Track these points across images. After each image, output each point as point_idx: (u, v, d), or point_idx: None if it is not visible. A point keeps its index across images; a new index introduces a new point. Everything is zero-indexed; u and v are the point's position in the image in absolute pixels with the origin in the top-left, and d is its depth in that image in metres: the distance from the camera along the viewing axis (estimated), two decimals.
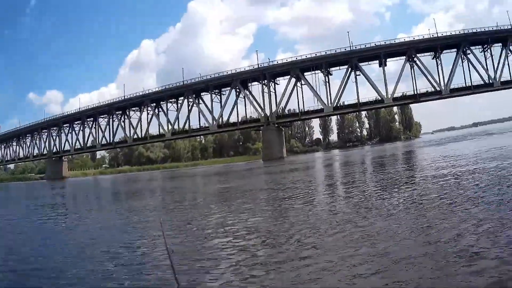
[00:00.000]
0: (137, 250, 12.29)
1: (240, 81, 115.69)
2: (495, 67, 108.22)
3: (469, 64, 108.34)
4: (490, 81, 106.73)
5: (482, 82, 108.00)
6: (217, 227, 14.79)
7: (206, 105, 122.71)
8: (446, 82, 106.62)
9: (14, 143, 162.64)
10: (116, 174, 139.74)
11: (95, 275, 9.46)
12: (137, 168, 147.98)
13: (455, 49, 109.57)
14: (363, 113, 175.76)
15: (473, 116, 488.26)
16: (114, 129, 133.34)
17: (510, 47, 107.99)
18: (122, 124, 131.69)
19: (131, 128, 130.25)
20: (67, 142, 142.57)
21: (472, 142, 64.04)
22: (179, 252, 11.02)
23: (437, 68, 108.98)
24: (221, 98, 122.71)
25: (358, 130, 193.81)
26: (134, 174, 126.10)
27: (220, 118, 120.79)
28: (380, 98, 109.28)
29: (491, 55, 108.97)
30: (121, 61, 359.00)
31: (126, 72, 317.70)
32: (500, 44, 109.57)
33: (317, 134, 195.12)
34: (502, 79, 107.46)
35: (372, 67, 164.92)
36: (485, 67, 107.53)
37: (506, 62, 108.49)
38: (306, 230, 12.68)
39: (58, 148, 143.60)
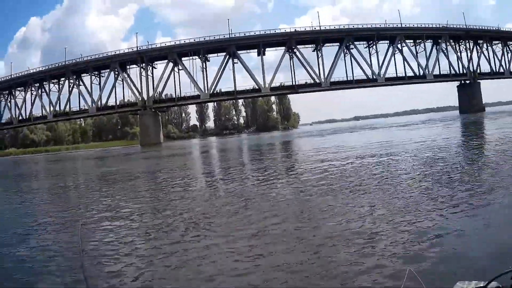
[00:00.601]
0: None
1: (119, 63, 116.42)
2: (380, 63, 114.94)
3: (352, 58, 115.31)
4: (374, 76, 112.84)
5: (365, 77, 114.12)
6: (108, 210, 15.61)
7: (85, 87, 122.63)
8: (326, 75, 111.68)
9: None
10: (1, 158, 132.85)
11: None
12: (22, 151, 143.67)
13: (338, 43, 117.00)
14: (240, 101, 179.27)
15: (355, 110, 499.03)
16: (1, 110, 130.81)
17: (398, 45, 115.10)
18: (9, 104, 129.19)
19: (17, 109, 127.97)
20: None
21: (347, 136, 67.31)
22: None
23: (318, 61, 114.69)
24: (100, 80, 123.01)
25: (235, 118, 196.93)
26: (20, 157, 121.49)
27: (99, 101, 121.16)
28: (257, 87, 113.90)
29: (376, 52, 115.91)
30: (10, 38, 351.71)
31: (14, 50, 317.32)
32: (388, 41, 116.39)
33: (194, 120, 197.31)
34: (388, 75, 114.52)
35: (250, 56, 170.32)
36: (369, 62, 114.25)
37: (392, 59, 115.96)
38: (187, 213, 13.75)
39: None
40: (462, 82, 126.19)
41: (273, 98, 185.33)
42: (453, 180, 15.35)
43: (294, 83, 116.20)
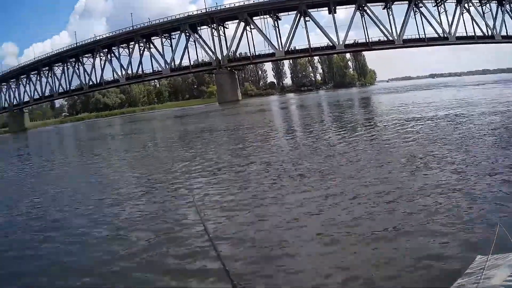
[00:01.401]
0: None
1: (189, 25, 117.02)
2: (449, 22, 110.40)
3: (422, 16, 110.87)
4: (445, 35, 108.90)
5: (436, 36, 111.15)
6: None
7: (157, 50, 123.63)
8: (398, 32, 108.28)
9: None
10: (75, 122, 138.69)
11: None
12: (95, 115, 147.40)
13: (407, 1, 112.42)
14: (316, 58, 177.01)
15: (429, 67, 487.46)
16: (70, 77, 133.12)
17: (465, 4, 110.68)
18: (77, 71, 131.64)
19: (86, 75, 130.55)
20: (26, 93, 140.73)
21: (432, 92, 65.80)
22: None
23: (389, 19, 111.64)
24: (171, 42, 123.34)
25: (312, 75, 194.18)
26: (92, 120, 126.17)
27: (172, 62, 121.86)
28: (331, 44, 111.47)
29: (445, 10, 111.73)
30: (71, 8, 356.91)
31: (77, 20, 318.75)
32: (455, 0, 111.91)
33: (270, 78, 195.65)
34: (457, 34, 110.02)
35: (321, 14, 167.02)
36: (439, 21, 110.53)
37: (462, 18, 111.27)
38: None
39: (18, 100, 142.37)
40: None
41: (348, 56, 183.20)
42: None
43: (367, 40, 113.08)
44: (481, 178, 9.94)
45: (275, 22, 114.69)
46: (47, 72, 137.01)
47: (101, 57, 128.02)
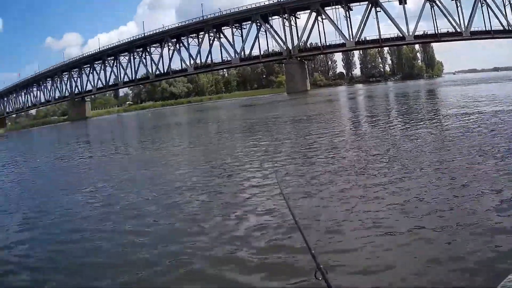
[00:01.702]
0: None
1: (260, 15, 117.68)
2: None
3: (488, 8, 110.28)
4: (510, 28, 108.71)
5: (501, 28, 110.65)
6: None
7: (227, 39, 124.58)
8: (466, 24, 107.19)
9: (35, 89, 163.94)
10: (139, 111, 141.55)
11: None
12: (161, 104, 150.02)
13: None
14: (385, 49, 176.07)
15: (494, 60, 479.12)
16: (136, 66, 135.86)
17: None
18: (144, 61, 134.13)
19: (153, 64, 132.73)
20: (88, 82, 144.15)
21: (502, 85, 62.87)
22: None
23: (457, 10, 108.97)
24: (242, 32, 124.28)
25: (381, 65, 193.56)
26: (158, 109, 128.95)
27: (242, 52, 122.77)
28: (401, 35, 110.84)
29: (510, 3, 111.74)
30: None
31: (145, 10, 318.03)
32: None
33: (340, 68, 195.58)
34: None
35: (392, 4, 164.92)
36: (504, 13, 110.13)
37: None
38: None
39: (80, 89, 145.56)
40: None
41: (417, 47, 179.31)
42: None
43: (436, 32, 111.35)
44: None
45: (347, 12, 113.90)
46: (112, 61, 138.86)
47: (169, 47, 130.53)
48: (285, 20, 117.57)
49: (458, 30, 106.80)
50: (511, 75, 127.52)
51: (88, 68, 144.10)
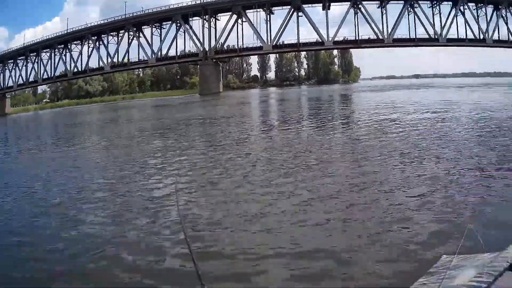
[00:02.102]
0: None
1: (181, 15, 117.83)
2: (443, 23, 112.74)
3: (415, 17, 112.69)
4: (436, 36, 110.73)
5: (427, 37, 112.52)
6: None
7: (146, 39, 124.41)
8: (389, 31, 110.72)
9: None
10: (55, 109, 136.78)
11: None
12: (76, 102, 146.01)
13: (403, 1, 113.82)
14: (303, 54, 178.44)
15: (415, 68, 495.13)
16: (56, 63, 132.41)
17: (461, 7, 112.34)
18: (64, 58, 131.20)
19: (72, 62, 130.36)
20: (10, 78, 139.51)
21: (405, 92, 68.40)
22: None
23: (382, 17, 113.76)
24: (161, 32, 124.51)
25: (296, 70, 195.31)
26: (72, 108, 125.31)
27: (159, 52, 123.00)
28: (320, 40, 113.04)
29: (439, 12, 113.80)
30: None
31: (71, 7, 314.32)
32: (451, 2, 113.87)
33: (254, 71, 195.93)
34: (448, 36, 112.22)
35: (316, 10, 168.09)
36: (432, 22, 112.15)
37: (455, 20, 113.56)
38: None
39: (2, 85, 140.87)
40: None
41: (335, 52, 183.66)
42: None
43: (357, 38, 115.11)
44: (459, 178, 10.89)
45: (268, 15, 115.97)
46: (34, 58, 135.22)
47: (89, 45, 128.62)
48: (205, 21, 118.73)
49: (381, 37, 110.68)
50: (427, 82, 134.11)
51: (12, 64, 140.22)
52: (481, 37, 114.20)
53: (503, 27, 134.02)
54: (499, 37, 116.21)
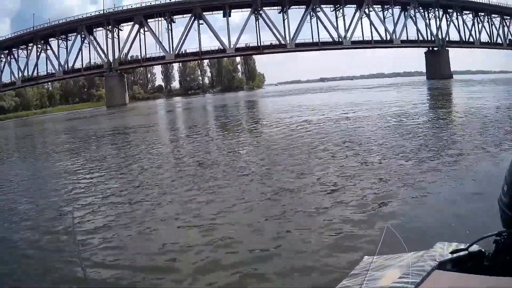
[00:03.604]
0: None
1: (85, 26, 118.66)
2: (347, 27, 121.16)
3: (318, 21, 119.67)
4: (340, 39, 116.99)
5: (331, 40, 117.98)
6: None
7: (53, 51, 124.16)
8: (292, 36, 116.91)
9: None
10: None
11: None
12: None
13: (304, 6, 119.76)
14: (206, 62, 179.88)
15: (320, 72, 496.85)
16: None
17: (365, 9, 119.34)
18: None
19: None
20: None
21: (307, 96, 71.64)
22: None
23: (284, 23, 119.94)
24: (67, 44, 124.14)
25: (200, 78, 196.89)
26: None
27: (66, 64, 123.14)
28: (222, 48, 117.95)
29: (343, 15, 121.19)
30: None
31: None
32: (355, 5, 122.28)
33: (159, 81, 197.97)
34: (354, 39, 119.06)
35: (216, 17, 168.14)
36: (335, 26, 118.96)
37: (359, 23, 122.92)
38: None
39: None
40: (430, 48, 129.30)
41: (238, 59, 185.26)
42: (426, 140, 17.59)
43: (259, 44, 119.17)
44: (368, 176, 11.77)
45: (169, 24, 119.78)
46: None
47: (1, 59, 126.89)
48: (108, 32, 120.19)
49: (283, 42, 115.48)
50: (334, 85, 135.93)
51: None
52: (388, 38, 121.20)
53: (411, 28, 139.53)
54: (407, 37, 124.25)
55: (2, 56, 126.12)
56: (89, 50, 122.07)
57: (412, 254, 3.05)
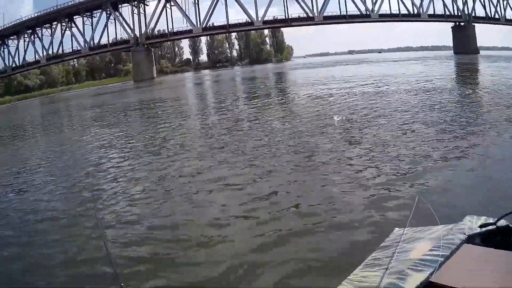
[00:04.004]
0: None
1: (110, 3, 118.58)
2: None
3: None
4: (367, 12, 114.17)
5: (358, 13, 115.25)
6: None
7: (78, 29, 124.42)
8: (320, 9, 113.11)
9: None
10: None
11: None
12: (16, 98, 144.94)
13: None
14: (233, 35, 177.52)
15: (348, 44, 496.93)
16: None
17: None
18: (2, 54, 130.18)
19: (10, 57, 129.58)
20: None
21: (335, 69, 69.73)
22: None
23: None
24: (92, 21, 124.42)
25: (228, 51, 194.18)
26: (14, 104, 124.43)
27: (92, 41, 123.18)
28: (250, 21, 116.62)
29: None
30: None
31: (5, 1, 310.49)
32: None
33: (187, 54, 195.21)
34: (381, 12, 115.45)
35: None
36: None
37: None
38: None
39: None
40: (457, 23, 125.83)
41: (266, 32, 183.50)
42: (452, 116, 16.88)
43: (287, 17, 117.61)
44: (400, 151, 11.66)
45: None
46: None
47: (25, 39, 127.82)
48: (134, 7, 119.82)
49: (311, 15, 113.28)
50: (362, 57, 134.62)
51: None
52: (415, 12, 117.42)
53: (438, 2, 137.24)
54: (434, 11, 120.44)
55: (26, 35, 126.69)
56: (115, 26, 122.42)
57: (442, 227, 3.30)
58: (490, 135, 12.66)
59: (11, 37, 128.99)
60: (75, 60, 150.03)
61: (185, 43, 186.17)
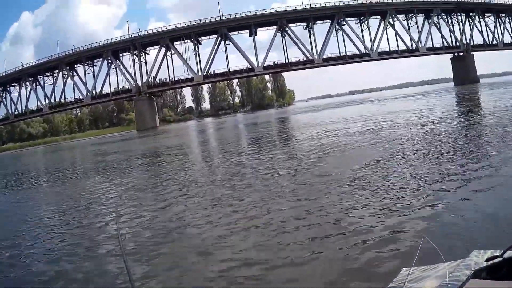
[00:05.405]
0: None
1: (111, 51, 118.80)
2: (372, 39, 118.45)
3: (344, 35, 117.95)
4: (367, 51, 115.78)
5: (358, 53, 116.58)
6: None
7: (79, 77, 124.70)
8: (319, 51, 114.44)
9: None
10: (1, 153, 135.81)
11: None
12: (19, 145, 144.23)
13: (329, 20, 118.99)
14: (235, 81, 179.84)
15: (349, 85, 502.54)
16: None
17: (390, 20, 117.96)
18: (4, 100, 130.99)
19: (12, 104, 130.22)
20: None
21: (340, 110, 69.00)
22: None
23: (310, 38, 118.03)
24: (93, 69, 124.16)
25: (230, 98, 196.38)
26: (17, 151, 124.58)
27: (94, 90, 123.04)
28: (250, 67, 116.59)
29: (368, 27, 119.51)
30: (3, 35, 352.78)
31: (8, 47, 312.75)
32: (379, 16, 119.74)
33: (189, 102, 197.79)
34: (380, 50, 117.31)
35: (243, 36, 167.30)
36: (361, 38, 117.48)
37: (385, 34, 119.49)
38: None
39: None
40: (456, 54, 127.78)
41: (267, 77, 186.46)
42: (457, 150, 15.75)
43: (287, 61, 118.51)
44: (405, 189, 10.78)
45: (196, 46, 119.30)
46: None
47: (26, 86, 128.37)
48: (135, 56, 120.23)
49: (310, 58, 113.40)
50: (364, 97, 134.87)
51: None
52: (414, 47, 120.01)
53: (436, 34, 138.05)
54: (432, 44, 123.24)
55: (28, 83, 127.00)
56: (117, 75, 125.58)
57: (448, 264, 3.18)
58: (500, 170, 11.59)
59: (13, 84, 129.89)
60: (77, 109, 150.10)
61: (187, 91, 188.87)
